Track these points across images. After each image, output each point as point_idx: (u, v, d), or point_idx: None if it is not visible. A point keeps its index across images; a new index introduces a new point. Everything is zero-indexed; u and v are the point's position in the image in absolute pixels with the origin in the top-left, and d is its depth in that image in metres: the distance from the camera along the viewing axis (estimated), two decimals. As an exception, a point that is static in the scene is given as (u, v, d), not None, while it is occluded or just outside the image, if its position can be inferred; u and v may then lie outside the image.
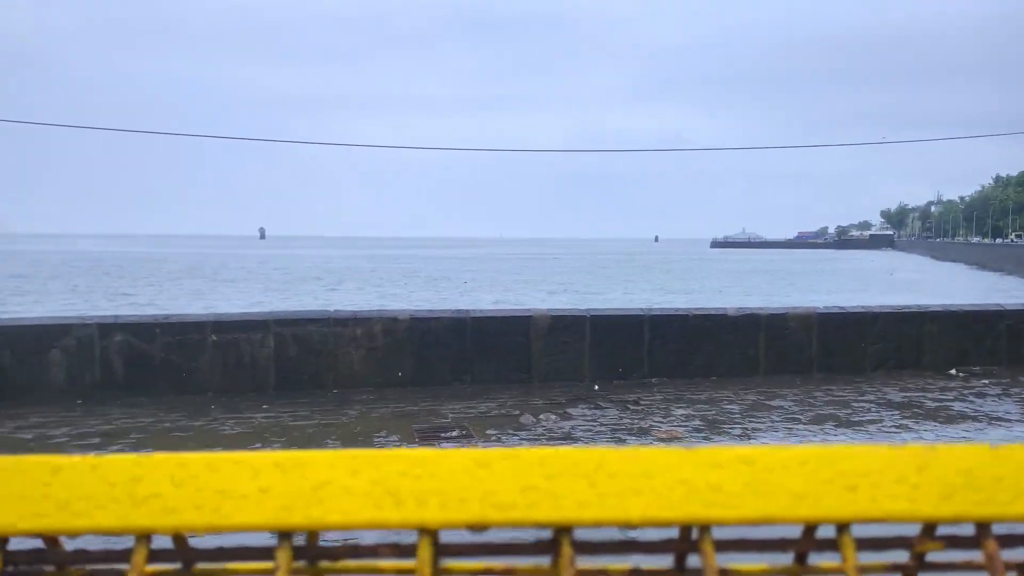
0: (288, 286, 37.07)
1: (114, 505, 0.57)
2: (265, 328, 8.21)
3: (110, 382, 7.84)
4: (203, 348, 8.04)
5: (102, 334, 7.85)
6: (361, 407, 7.58)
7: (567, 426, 6.97)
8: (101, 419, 7.02)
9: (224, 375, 8.08)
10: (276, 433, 6.63)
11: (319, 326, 8.36)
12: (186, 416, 7.14)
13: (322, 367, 8.34)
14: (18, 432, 6.56)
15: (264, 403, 7.69)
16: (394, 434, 6.63)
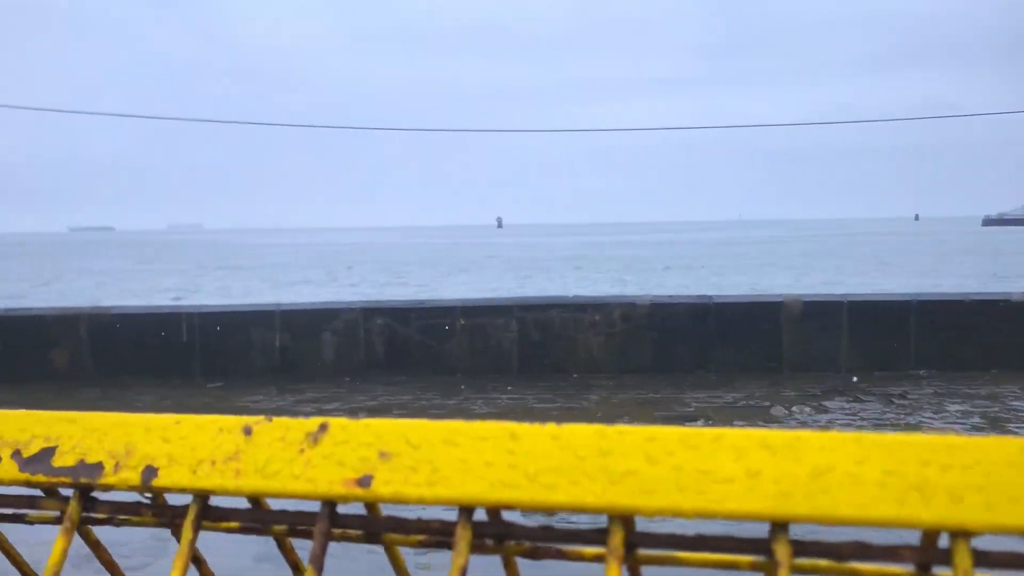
0: (526, 274, 38.24)
1: (587, 481, 0.52)
2: (509, 313, 8.47)
3: (373, 361, 8.48)
4: (453, 331, 8.45)
5: (365, 318, 8.51)
6: (602, 393, 7.59)
7: (823, 420, 6.51)
8: (367, 395, 7.60)
9: (472, 357, 8.44)
10: (520, 415, 6.80)
11: (560, 311, 8.48)
12: (439, 395, 7.55)
13: (562, 352, 8.45)
14: (298, 406, 7.28)
15: (508, 385, 7.94)
16: (636, 421, 6.55)
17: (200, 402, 7.44)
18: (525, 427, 0.53)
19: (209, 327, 8.50)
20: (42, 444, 0.54)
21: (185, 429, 0.54)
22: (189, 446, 0.53)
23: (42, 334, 8.44)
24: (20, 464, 0.53)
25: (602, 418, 6.63)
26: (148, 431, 0.54)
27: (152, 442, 0.53)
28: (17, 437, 0.55)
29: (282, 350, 8.53)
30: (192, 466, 0.53)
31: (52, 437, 0.54)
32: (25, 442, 0.54)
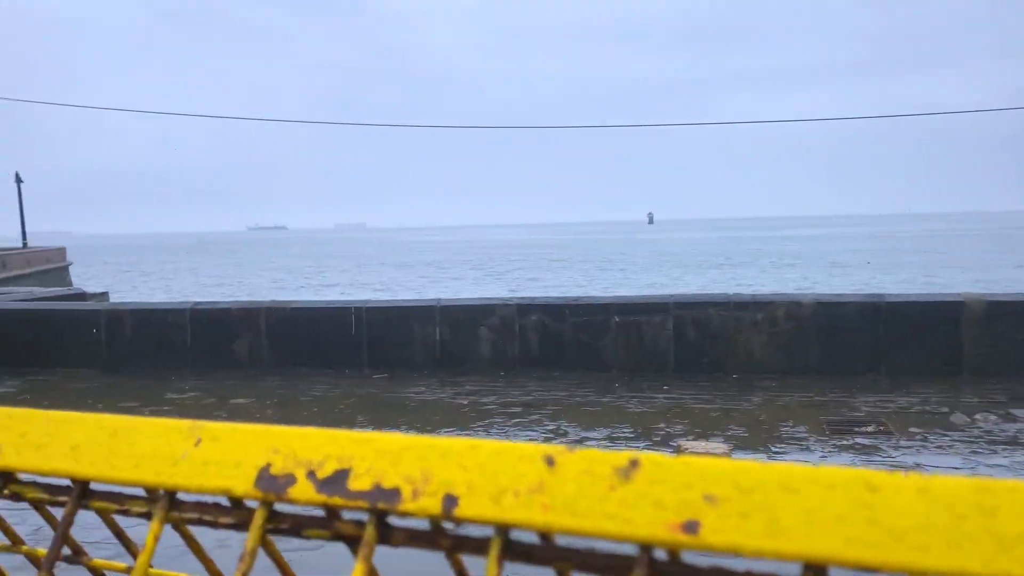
0: (681, 270, 37.52)
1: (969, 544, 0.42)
2: (665, 311, 8.35)
3: (527, 357, 8.61)
4: (607, 328, 8.43)
5: (521, 314, 8.65)
6: (764, 394, 7.34)
7: (1011, 429, 6.00)
8: (521, 390, 7.73)
9: (627, 355, 8.39)
10: (678, 415, 6.70)
11: (718, 310, 8.27)
12: (594, 392, 7.56)
13: (721, 351, 8.24)
14: (456, 398, 7.51)
15: (664, 384, 7.83)
16: (801, 424, 6.29)
17: (367, 392, 7.83)
18: (884, 476, 0.45)
19: (375, 321, 8.92)
20: (336, 465, 0.53)
21: (483, 455, 0.51)
22: (488, 474, 0.50)
23: (227, 326, 9.15)
24: (316, 485, 0.52)
25: (765, 421, 6.42)
26: (444, 456, 0.51)
27: (449, 468, 0.51)
28: (311, 457, 0.54)
29: (441, 344, 8.82)
30: (494, 496, 0.49)
31: (345, 458, 0.53)
32: (319, 462, 0.53)
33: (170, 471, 0.56)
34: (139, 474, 0.57)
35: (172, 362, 9.15)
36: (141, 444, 0.58)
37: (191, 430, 0.57)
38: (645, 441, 5.98)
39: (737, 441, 5.87)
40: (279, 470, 0.54)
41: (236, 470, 0.55)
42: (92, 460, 0.59)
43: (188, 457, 0.56)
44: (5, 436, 0.63)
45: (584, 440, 6.04)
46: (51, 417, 0.63)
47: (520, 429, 6.38)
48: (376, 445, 0.53)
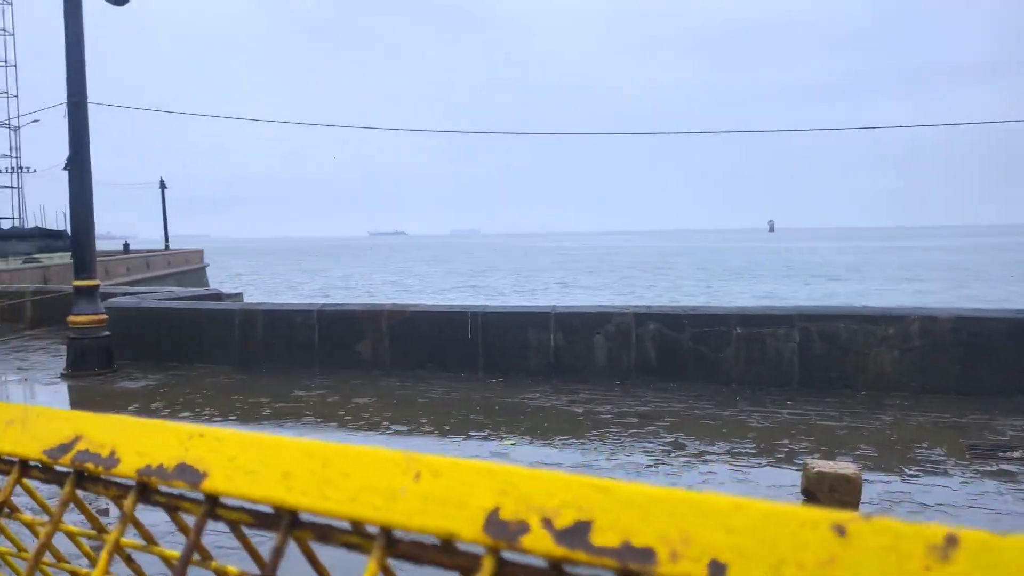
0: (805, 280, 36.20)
1: None
2: (790, 323, 8.06)
3: (644, 366, 8.50)
4: (728, 340, 8.22)
5: (638, 322, 8.55)
6: (895, 413, 6.96)
7: None
8: (637, 400, 7.63)
9: (748, 367, 8.15)
10: (803, 431, 6.44)
11: (847, 323, 7.91)
12: (713, 405, 7.38)
13: (849, 366, 7.88)
14: (571, 406, 7.49)
15: (788, 399, 7.56)
16: (937, 447, 5.93)
17: (482, 396, 7.92)
18: None
19: (491, 326, 9.03)
20: (575, 515, 0.48)
21: (752, 516, 0.44)
22: (762, 540, 0.43)
23: (352, 327, 9.48)
24: (554, 536, 0.47)
25: (897, 441, 6.09)
26: (703, 514, 0.45)
27: (711, 529, 0.44)
28: (544, 502, 0.49)
29: (556, 351, 8.83)
30: (773, 567, 0.42)
31: (584, 508, 0.48)
32: (554, 509, 0.48)
33: (388, 507, 0.53)
34: (355, 508, 0.54)
35: (300, 360, 9.55)
36: (355, 475, 0.55)
37: (408, 463, 0.54)
38: (768, 458, 5.78)
39: (867, 461, 5.59)
40: (510, 515, 0.49)
41: (461, 511, 0.50)
42: (305, 490, 0.56)
43: (409, 494, 0.52)
44: (214, 459, 0.61)
45: (703, 454, 5.90)
46: (260, 441, 0.60)
47: (636, 440, 6.30)
48: (619, 495, 0.47)
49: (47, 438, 0.70)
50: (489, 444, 6.30)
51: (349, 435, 6.68)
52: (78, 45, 9.47)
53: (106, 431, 0.67)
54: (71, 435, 0.69)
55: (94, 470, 0.66)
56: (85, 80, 9.58)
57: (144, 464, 0.63)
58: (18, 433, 0.72)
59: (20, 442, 0.72)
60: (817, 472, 4.76)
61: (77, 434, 0.68)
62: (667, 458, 5.84)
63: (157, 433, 0.65)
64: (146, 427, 0.66)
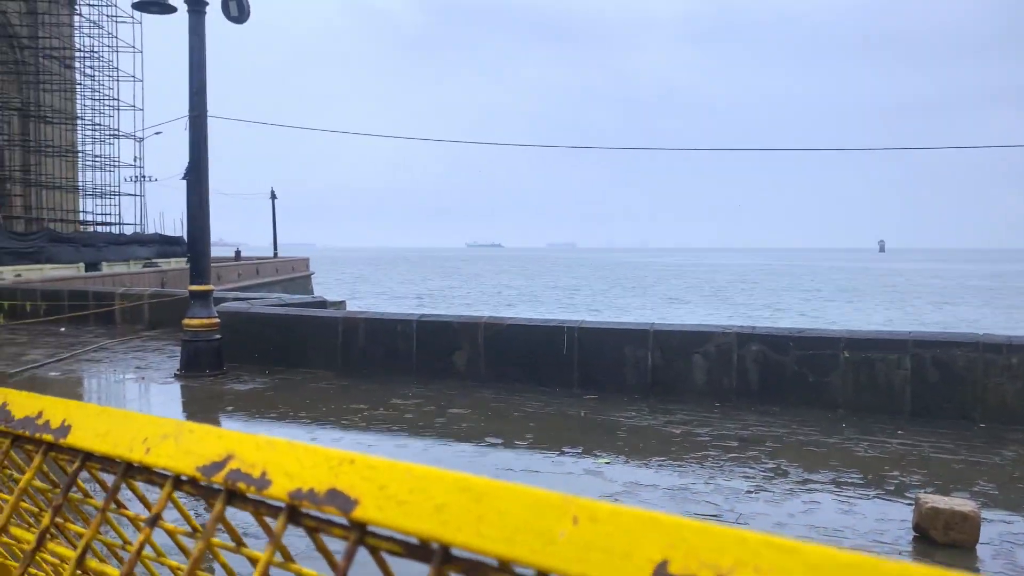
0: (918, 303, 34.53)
1: None
2: (902, 348, 7.68)
3: (744, 389, 8.26)
4: (835, 364, 7.90)
5: (740, 343, 8.32)
6: (1018, 448, 6.52)
7: None
8: (738, 423, 7.42)
9: (856, 393, 7.81)
10: (915, 463, 6.11)
11: (965, 351, 7.48)
12: (818, 431, 7.09)
13: (967, 396, 7.44)
14: (668, 426, 7.34)
15: (899, 428, 7.20)
16: (1067, 487, 5.51)
17: (577, 412, 7.87)
18: None
19: (587, 341, 8.97)
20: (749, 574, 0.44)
21: None
22: None
23: (449, 338, 9.60)
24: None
25: (1020, 478, 5.70)
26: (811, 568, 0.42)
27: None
28: (717, 560, 0.45)
29: (653, 369, 8.68)
30: None
31: (763, 569, 0.44)
32: (728, 568, 0.45)
33: (546, 551, 0.51)
34: (512, 549, 0.52)
35: (398, 369, 9.74)
36: (511, 514, 0.53)
37: (565, 505, 0.52)
38: (876, 489, 5.51)
39: (986, 499, 5.25)
40: (679, 570, 0.46)
41: (626, 562, 0.48)
42: (459, 525, 0.55)
43: (568, 538, 0.51)
44: (365, 487, 0.60)
45: (807, 483, 5.68)
46: (412, 471, 0.59)
47: (737, 465, 6.11)
48: (804, 557, 0.43)
49: (201, 454, 0.72)
50: (584, 462, 6.25)
51: (445, 445, 6.75)
52: (200, 62, 9.99)
53: (257, 452, 0.68)
54: (223, 453, 0.70)
55: (245, 489, 0.67)
56: (206, 96, 10.09)
57: (295, 487, 0.64)
58: (172, 448, 0.74)
59: (174, 457, 0.73)
60: (931, 507, 4.50)
61: (229, 453, 0.70)
62: (768, 484, 5.64)
63: (307, 456, 0.65)
64: (295, 449, 0.67)
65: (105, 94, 39.60)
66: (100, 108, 39.87)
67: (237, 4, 9.87)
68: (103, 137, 40.53)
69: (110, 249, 34.53)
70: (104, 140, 40.64)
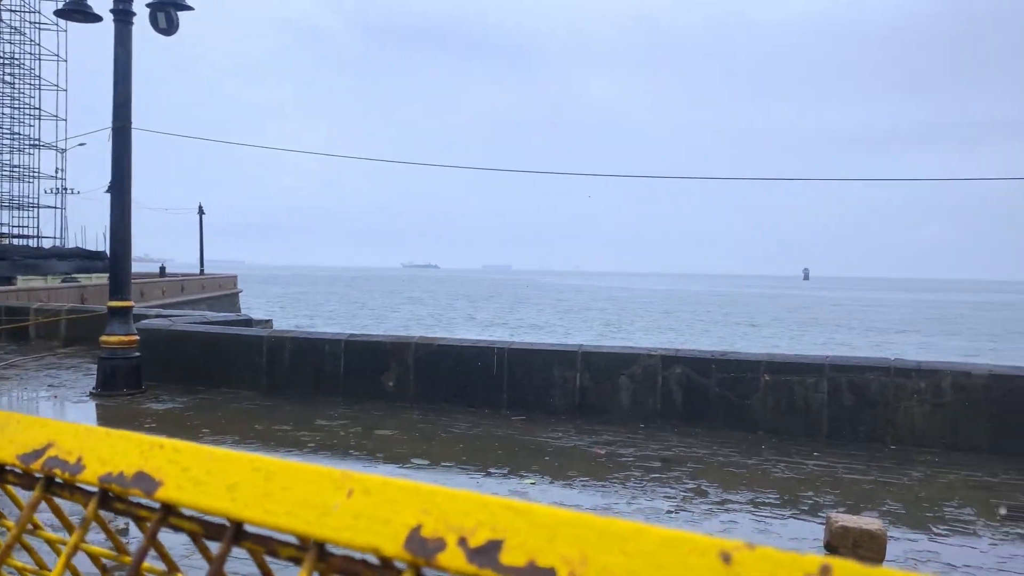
0: (835, 330, 35.74)
1: None
2: (820, 372, 7.95)
3: (669, 410, 8.41)
4: (755, 387, 8.12)
5: (665, 365, 8.48)
6: (925, 469, 6.80)
7: None
8: (661, 444, 7.54)
9: (775, 416, 8.04)
10: (828, 484, 6.32)
11: (878, 375, 7.78)
12: (738, 452, 7.27)
13: (879, 419, 7.73)
14: (593, 447, 7.42)
15: (815, 450, 7.43)
16: (968, 506, 5.77)
17: (505, 433, 7.88)
18: None
19: (517, 362, 9.01)
20: (489, 534, 0.50)
21: (650, 542, 0.46)
22: (655, 564, 0.45)
23: (378, 358, 9.52)
24: (467, 554, 0.50)
25: (925, 499, 5.95)
26: (605, 538, 0.47)
27: (611, 552, 0.46)
28: (462, 522, 0.51)
29: (581, 390, 8.77)
30: None
31: (499, 528, 0.50)
32: (471, 529, 0.51)
33: (321, 522, 0.55)
34: (291, 522, 0.56)
35: (325, 389, 9.60)
36: (294, 490, 0.58)
37: (343, 480, 0.57)
38: (791, 509, 5.67)
39: (893, 518, 5.46)
40: (430, 533, 0.52)
41: (386, 527, 0.53)
42: (247, 502, 0.59)
43: (340, 509, 0.55)
44: (170, 469, 0.63)
45: (726, 503, 5.81)
46: (213, 454, 0.63)
47: (658, 485, 6.21)
48: (532, 517, 0.50)
49: (23, 443, 0.73)
50: (509, 482, 6.26)
51: (367, 467, 6.67)
52: (126, 73, 9.76)
53: (75, 439, 0.70)
54: (44, 441, 0.71)
55: (61, 475, 0.69)
56: (131, 107, 9.85)
57: (105, 471, 0.66)
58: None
59: None
60: (841, 526, 4.66)
61: (49, 441, 0.71)
62: (688, 505, 5.75)
63: (121, 442, 0.67)
64: (111, 436, 0.69)
65: (26, 103, 38.26)
66: (20, 117, 38.51)
67: (166, 16, 9.70)
68: (22, 147, 39.11)
69: (27, 263, 33.19)
70: (23, 150, 39.21)
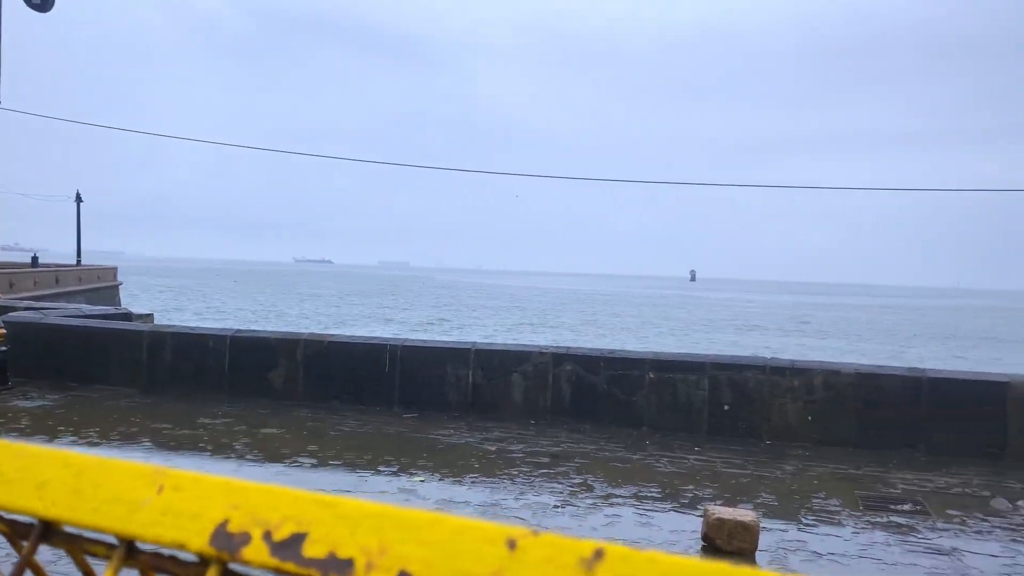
0: (719, 329, 37.17)
1: None
2: (701, 370, 8.26)
3: (559, 407, 8.56)
4: (641, 384, 8.36)
5: (556, 363, 8.62)
6: (797, 463, 7.18)
7: (1055, 520, 5.76)
8: (550, 440, 7.67)
9: (659, 412, 8.30)
10: (708, 478, 6.58)
11: (755, 373, 8.15)
12: (624, 448, 7.47)
13: (756, 416, 8.11)
14: (484, 444, 7.47)
15: (696, 445, 7.71)
16: (834, 497, 6.13)
17: (395, 431, 7.83)
18: None
19: (409, 360, 8.97)
20: (293, 528, 0.51)
21: (444, 531, 0.49)
22: (447, 553, 0.48)
23: (266, 355, 9.28)
24: (270, 548, 0.51)
25: (796, 491, 6.27)
26: (404, 528, 0.49)
27: (408, 542, 0.49)
28: (269, 516, 0.52)
29: (474, 387, 8.81)
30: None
31: (304, 521, 0.51)
32: (277, 523, 0.52)
33: (128, 518, 0.55)
34: (98, 519, 0.56)
35: (209, 387, 9.28)
36: (105, 487, 0.57)
37: (155, 476, 0.57)
38: (672, 503, 5.88)
39: (766, 510, 5.74)
40: (236, 528, 0.52)
41: (193, 523, 0.53)
42: (55, 500, 0.58)
43: (149, 505, 0.55)
44: None
45: (610, 497, 5.96)
46: (23, 451, 0.61)
47: (546, 480, 6.32)
48: (339, 510, 0.51)
49: None
50: (399, 480, 6.23)
51: (250, 467, 6.50)
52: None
53: None
54: None
55: None
56: None
57: None
58: None
59: None
60: (717, 518, 4.86)
61: None
62: (574, 499, 5.87)
63: None
64: None
65: None
66: None
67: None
68: None
69: None
70: None
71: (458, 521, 0.50)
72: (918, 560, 4.89)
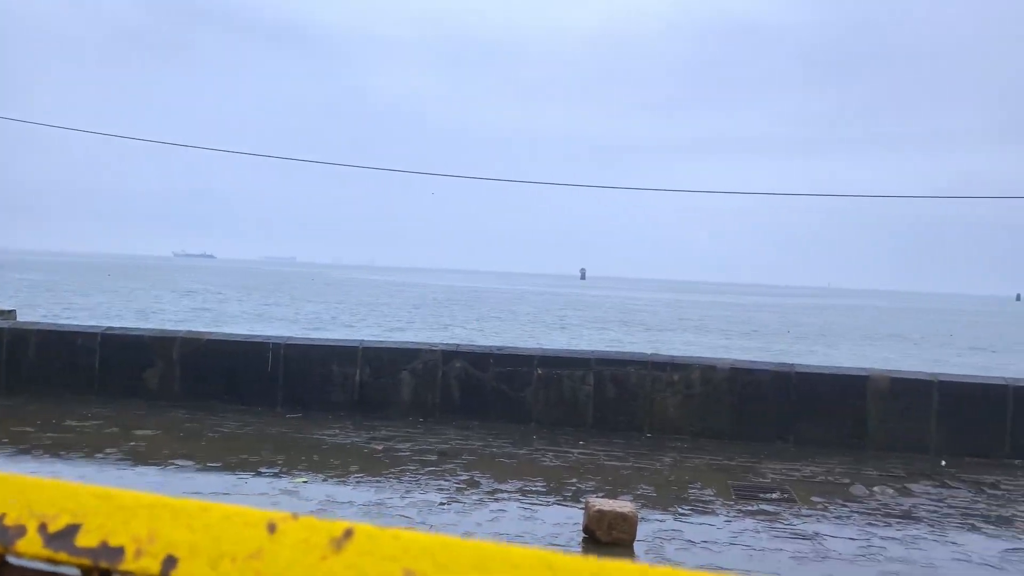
0: (605, 327, 38.01)
1: None
2: (586, 366, 8.45)
3: (448, 404, 8.57)
4: (529, 380, 8.47)
5: (445, 360, 8.62)
6: (676, 455, 7.45)
7: (907, 503, 6.22)
8: (439, 438, 7.67)
9: (547, 407, 8.44)
10: (591, 471, 6.74)
11: (637, 368, 8.41)
12: (511, 443, 7.55)
13: (637, 409, 8.36)
14: (371, 443, 7.40)
15: (581, 439, 7.88)
16: (709, 487, 6.40)
17: (278, 431, 7.65)
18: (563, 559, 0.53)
19: (293, 358, 8.77)
20: (68, 519, 0.52)
21: (212, 517, 0.51)
22: (213, 537, 0.50)
23: (139, 354, 8.87)
24: (45, 539, 0.52)
25: (674, 482, 6.51)
26: (175, 516, 0.51)
27: (177, 529, 0.51)
28: (46, 509, 0.53)
29: (362, 386, 8.71)
30: (213, 560, 0.50)
31: (80, 513, 0.52)
32: (53, 515, 0.53)
33: None
34: None
35: (78, 387, 8.79)
36: None
37: None
38: (556, 496, 5.99)
39: (645, 500, 5.93)
40: (12, 521, 0.53)
41: None
42: None
43: None
44: None
45: (496, 492, 6.02)
46: None
47: (433, 478, 6.32)
48: (116, 502, 0.53)
49: None
50: (281, 482, 6.09)
51: (126, 469, 6.21)
52: None
53: None
54: None
55: None
56: None
57: None
58: None
59: None
60: (597, 510, 4.99)
61: None
62: (460, 496, 5.90)
63: None
64: None
65: None
66: None
67: None
68: None
69: None
70: None
71: (226, 508, 0.52)
72: (784, 545, 5.17)
